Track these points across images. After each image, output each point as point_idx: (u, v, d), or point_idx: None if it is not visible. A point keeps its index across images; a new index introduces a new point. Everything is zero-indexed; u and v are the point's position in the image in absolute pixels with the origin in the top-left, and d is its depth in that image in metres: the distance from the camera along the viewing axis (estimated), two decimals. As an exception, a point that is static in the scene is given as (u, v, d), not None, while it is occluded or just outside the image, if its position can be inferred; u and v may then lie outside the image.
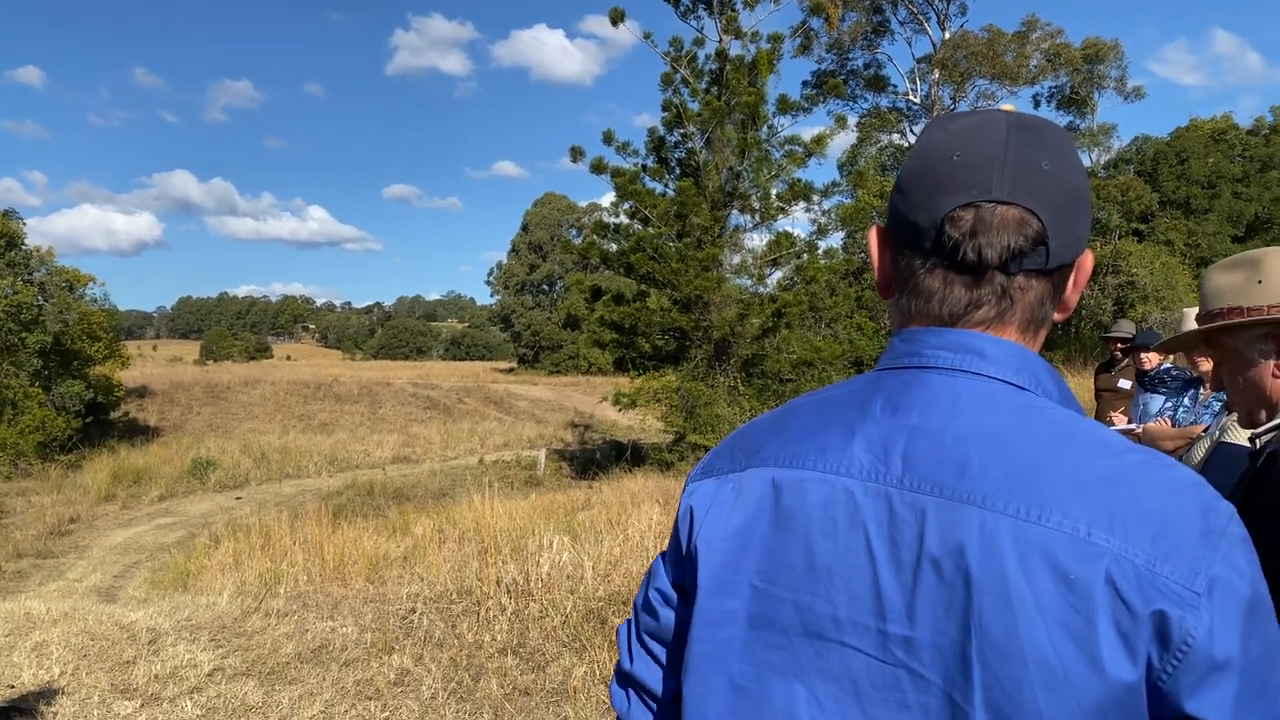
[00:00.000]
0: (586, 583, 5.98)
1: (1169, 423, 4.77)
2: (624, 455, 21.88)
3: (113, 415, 26.10)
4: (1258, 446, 1.53)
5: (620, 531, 7.86)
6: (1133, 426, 5.73)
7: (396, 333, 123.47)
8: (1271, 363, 1.55)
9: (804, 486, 0.85)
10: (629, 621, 1.07)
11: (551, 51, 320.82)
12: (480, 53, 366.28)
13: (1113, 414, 6.17)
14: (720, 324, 20.21)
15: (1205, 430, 3.96)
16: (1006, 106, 0.91)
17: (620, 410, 23.12)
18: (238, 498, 19.02)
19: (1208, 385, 4.78)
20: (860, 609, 0.80)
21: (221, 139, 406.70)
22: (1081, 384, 15.95)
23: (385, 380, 38.36)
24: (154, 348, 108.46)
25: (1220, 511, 0.76)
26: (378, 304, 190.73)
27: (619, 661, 1.06)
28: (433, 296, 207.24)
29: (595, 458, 22.89)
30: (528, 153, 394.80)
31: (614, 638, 5.01)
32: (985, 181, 0.84)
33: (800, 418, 0.92)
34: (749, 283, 22.27)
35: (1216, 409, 4.46)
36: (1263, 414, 1.57)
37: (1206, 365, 4.50)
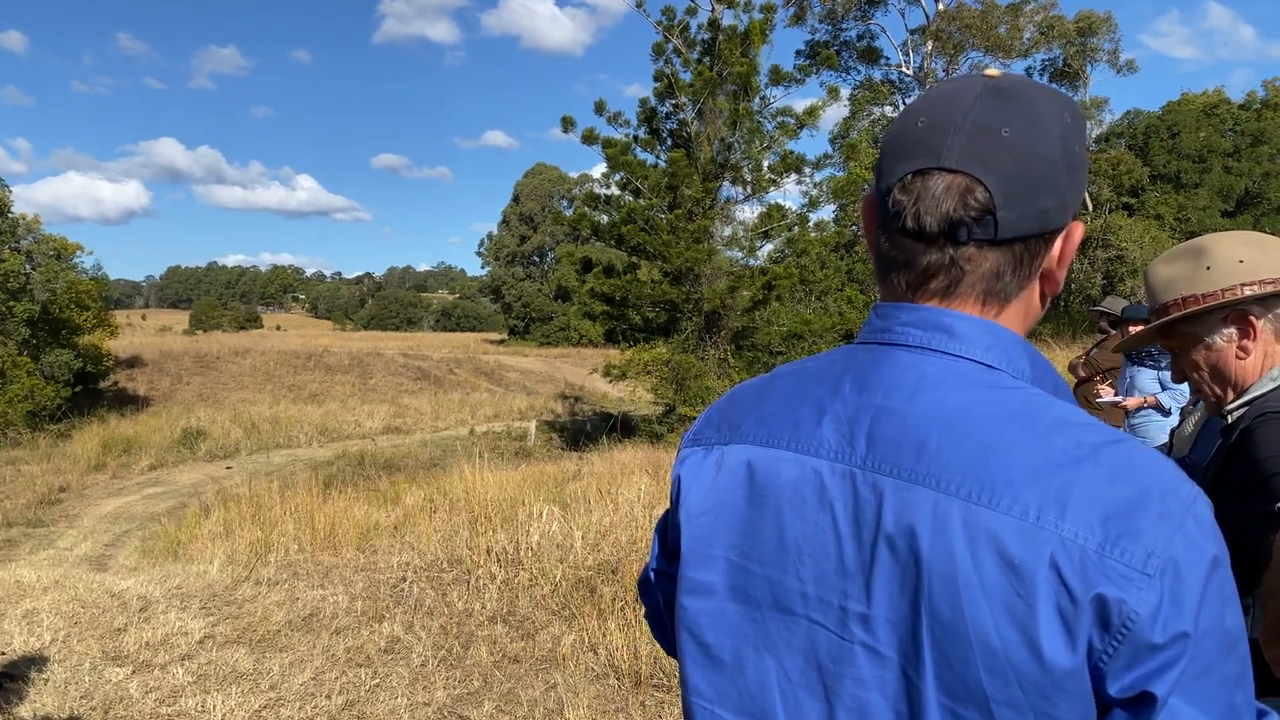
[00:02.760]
0: (576, 552, 6.02)
1: None
2: (614, 427, 21.92)
3: (102, 385, 26.01)
4: (1230, 421, 1.56)
5: (610, 502, 7.90)
6: (1119, 399, 5.77)
7: (387, 303, 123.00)
8: (1234, 345, 1.59)
9: (777, 465, 0.87)
10: (650, 604, 1.14)
11: (541, 20, 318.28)
12: (469, 20, 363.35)
13: (1100, 387, 6.21)
14: (711, 296, 20.18)
15: (1196, 403, 4.00)
16: (991, 71, 0.88)
17: (611, 382, 23.11)
18: (228, 467, 19.01)
19: None
20: (825, 586, 0.81)
21: (208, 106, 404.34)
22: (1071, 357, 16.01)
23: (376, 351, 38.28)
24: (143, 317, 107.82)
25: (1181, 493, 0.75)
26: (368, 274, 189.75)
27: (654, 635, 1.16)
28: (423, 267, 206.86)
29: (586, 429, 22.94)
30: (518, 123, 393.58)
31: (602, 606, 5.06)
32: (938, 148, 0.83)
33: (778, 392, 0.93)
34: (740, 255, 22.22)
35: None
36: (1230, 394, 1.62)
37: None
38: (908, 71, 37.15)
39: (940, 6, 35.52)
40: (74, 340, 24.08)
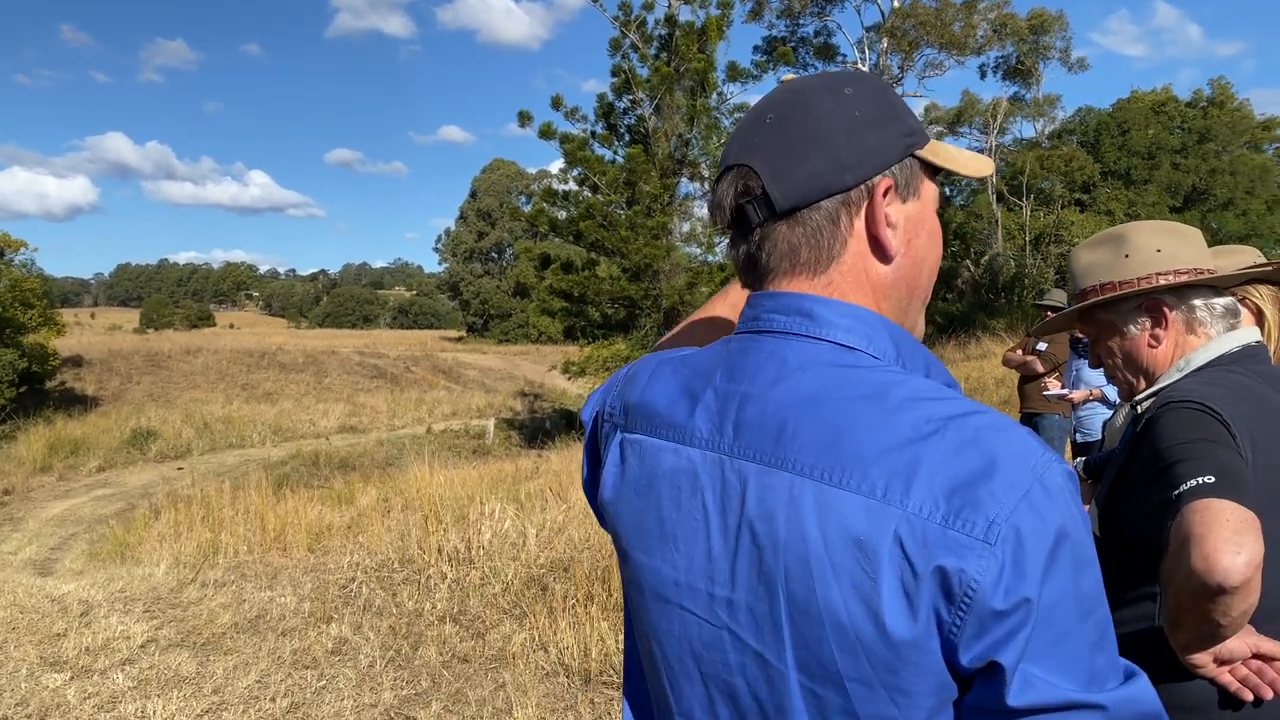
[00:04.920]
0: (529, 550, 5.97)
1: None
2: (573, 424, 21.87)
3: (48, 385, 25.46)
4: (1140, 411, 1.58)
5: (564, 500, 7.86)
6: (1066, 392, 5.84)
7: (342, 301, 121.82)
8: (1147, 333, 1.62)
9: (660, 456, 0.90)
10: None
11: (497, 14, 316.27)
12: (423, 15, 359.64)
13: (1048, 380, 6.28)
14: (670, 292, 20.20)
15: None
16: (787, 78, 0.93)
17: (570, 379, 23.12)
18: (179, 468, 18.70)
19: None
20: (695, 573, 0.84)
21: (157, 101, 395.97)
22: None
23: (331, 349, 37.87)
24: (92, 315, 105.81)
25: (1030, 462, 0.73)
26: (323, 271, 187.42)
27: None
28: (379, 264, 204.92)
29: (544, 426, 22.88)
30: (474, 118, 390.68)
31: (553, 604, 5.02)
32: (728, 151, 0.91)
33: (665, 380, 0.95)
34: (698, 251, 22.32)
35: None
36: (1142, 382, 1.64)
37: None
38: (864, 69, 37.42)
39: (895, 4, 35.76)
40: (18, 339, 23.53)
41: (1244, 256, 2.12)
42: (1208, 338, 1.60)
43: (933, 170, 0.92)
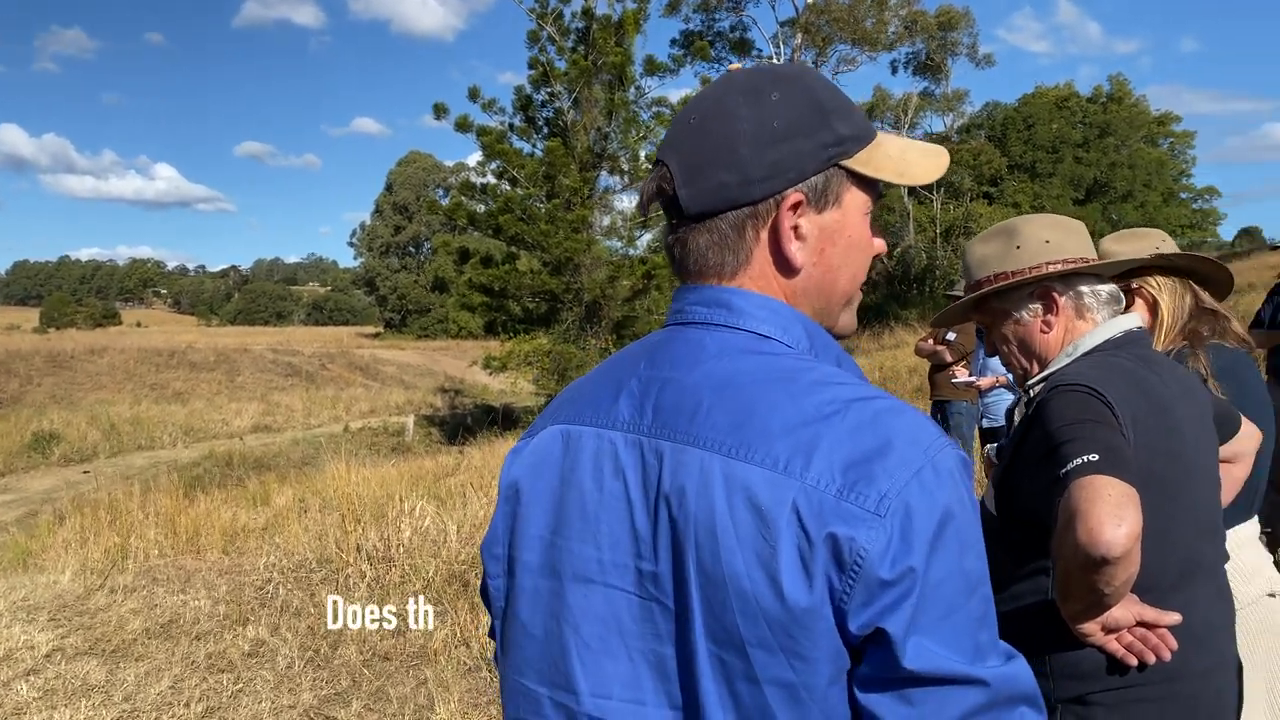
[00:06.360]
0: (450, 546, 5.94)
1: None
2: (496, 419, 21.74)
3: (-59, 388, 24.35)
4: (1032, 394, 1.66)
5: (486, 495, 7.82)
6: (973, 379, 6.02)
7: (254, 297, 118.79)
8: (1039, 319, 1.71)
9: (581, 441, 0.93)
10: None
11: (410, 4, 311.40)
12: (334, 4, 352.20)
13: (956, 368, 6.47)
14: (591, 286, 20.18)
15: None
16: (733, 66, 0.97)
17: (491, 374, 22.94)
18: (85, 472, 18.02)
19: None
20: (620, 550, 0.86)
21: (53, 91, 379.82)
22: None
23: (243, 347, 36.93)
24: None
25: (923, 444, 0.78)
26: (234, 267, 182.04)
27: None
28: (292, 259, 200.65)
29: (466, 422, 22.66)
30: (389, 109, 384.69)
31: (475, 599, 5.00)
32: (661, 144, 0.95)
33: (594, 376, 0.99)
34: (619, 245, 22.34)
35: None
36: (1035, 366, 1.73)
37: None
38: (779, 64, 37.78)
39: (809, 0, 36.27)
40: (-92, 341, 22.43)
41: (1151, 240, 2.22)
42: (1094, 323, 1.69)
43: (865, 178, 0.93)
